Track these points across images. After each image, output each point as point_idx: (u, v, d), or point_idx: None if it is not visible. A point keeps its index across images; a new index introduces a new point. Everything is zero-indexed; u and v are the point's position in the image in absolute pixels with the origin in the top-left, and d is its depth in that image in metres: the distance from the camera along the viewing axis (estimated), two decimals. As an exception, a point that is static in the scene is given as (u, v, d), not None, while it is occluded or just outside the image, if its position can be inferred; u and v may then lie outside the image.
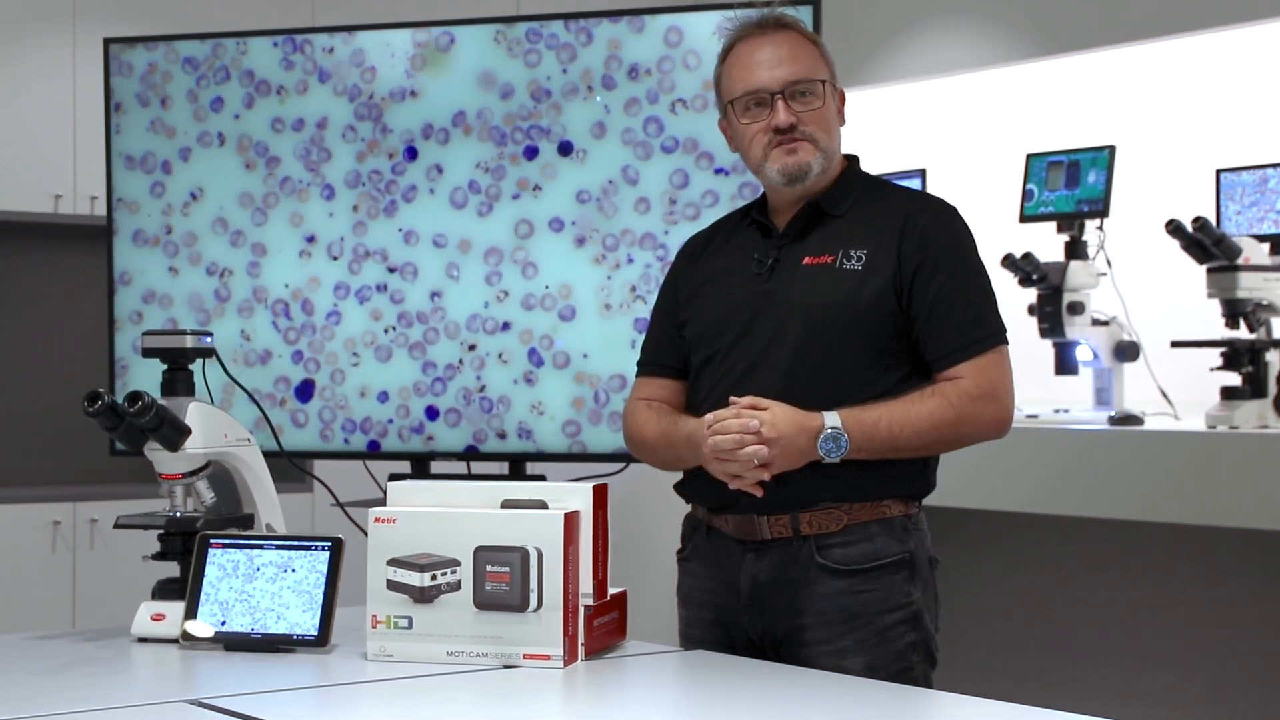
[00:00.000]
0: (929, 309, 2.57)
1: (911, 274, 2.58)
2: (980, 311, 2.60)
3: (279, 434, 3.47)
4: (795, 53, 2.64)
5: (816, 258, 2.62)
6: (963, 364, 2.57)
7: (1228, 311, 4.16)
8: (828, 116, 2.65)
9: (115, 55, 3.86)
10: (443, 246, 3.69)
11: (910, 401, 2.55)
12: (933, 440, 2.56)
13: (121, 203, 3.86)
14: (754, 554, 2.61)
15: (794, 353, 2.59)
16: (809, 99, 2.63)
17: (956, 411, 2.54)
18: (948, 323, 2.57)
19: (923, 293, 2.57)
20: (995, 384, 2.58)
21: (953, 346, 2.57)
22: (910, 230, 2.59)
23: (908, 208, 2.64)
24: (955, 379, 2.56)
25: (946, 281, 2.58)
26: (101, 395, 2.64)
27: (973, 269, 2.62)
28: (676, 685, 2.43)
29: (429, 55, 3.71)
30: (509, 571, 2.36)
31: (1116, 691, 4.69)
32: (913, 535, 2.61)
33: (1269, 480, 3.84)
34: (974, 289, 2.60)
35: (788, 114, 2.62)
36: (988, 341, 2.58)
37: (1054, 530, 4.76)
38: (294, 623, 2.51)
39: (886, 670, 2.52)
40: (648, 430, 2.73)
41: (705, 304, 2.71)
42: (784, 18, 2.68)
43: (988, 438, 2.62)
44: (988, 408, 2.57)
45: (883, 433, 2.52)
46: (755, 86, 2.64)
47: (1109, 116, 5.40)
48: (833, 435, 2.51)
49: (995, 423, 2.60)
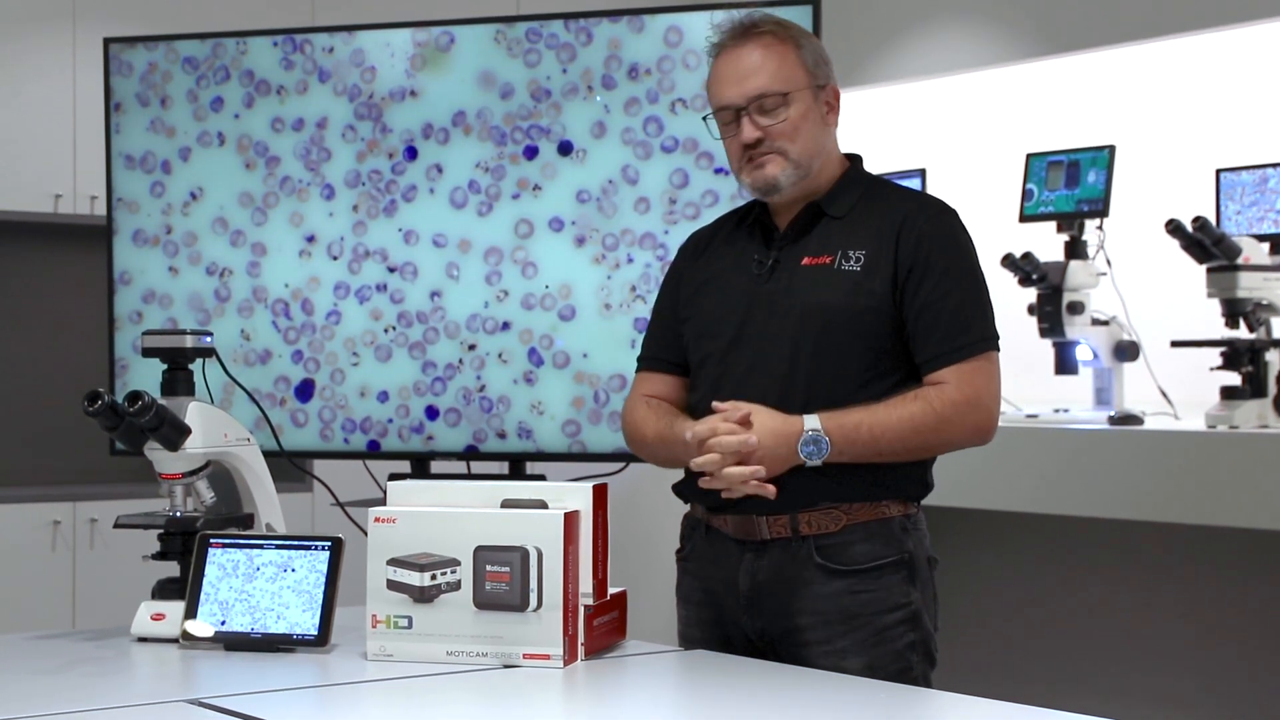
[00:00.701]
0: (919, 311, 2.57)
1: (905, 275, 2.57)
2: (970, 317, 2.58)
3: (279, 434, 3.47)
4: (762, 64, 2.62)
5: (816, 258, 2.62)
6: (948, 368, 2.56)
7: (1227, 311, 4.16)
8: (798, 126, 2.62)
9: (115, 55, 3.86)
10: (443, 246, 3.69)
11: (892, 405, 2.54)
12: (915, 444, 2.56)
13: (121, 202, 3.86)
14: (753, 554, 2.61)
15: (791, 354, 2.59)
16: (776, 111, 2.61)
17: (938, 416, 2.54)
18: (936, 326, 2.56)
19: (914, 295, 2.57)
20: (979, 390, 2.57)
21: (939, 350, 2.57)
22: (907, 231, 2.59)
23: (907, 208, 2.63)
24: (940, 384, 2.56)
25: (938, 285, 2.57)
26: (101, 395, 2.64)
27: (966, 273, 2.61)
28: (676, 685, 2.43)
29: (429, 55, 3.71)
30: (509, 571, 2.36)
31: (1116, 691, 4.69)
32: (911, 535, 2.61)
33: (1269, 480, 3.84)
34: (966, 293, 2.59)
35: (751, 129, 2.62)
36: (975, 347, 2.57)
37: (1054, 530, 4.76)
38: (294, 622, 2.51)
39: (885, 670, 2.52)
40: (645, 430, 2.73)
41: (705, 303, 2.71)
42: (755, 24, 2.65)
43: (970, 444, 2.62)
44: (970, 414, 2.56)
45: (864, 436, 2.52)
46: (724, 103, 2.65)
47: (1109, 116, 5.41)
48: (812, 438, 2.51)
49: (977, 429, 2.59)
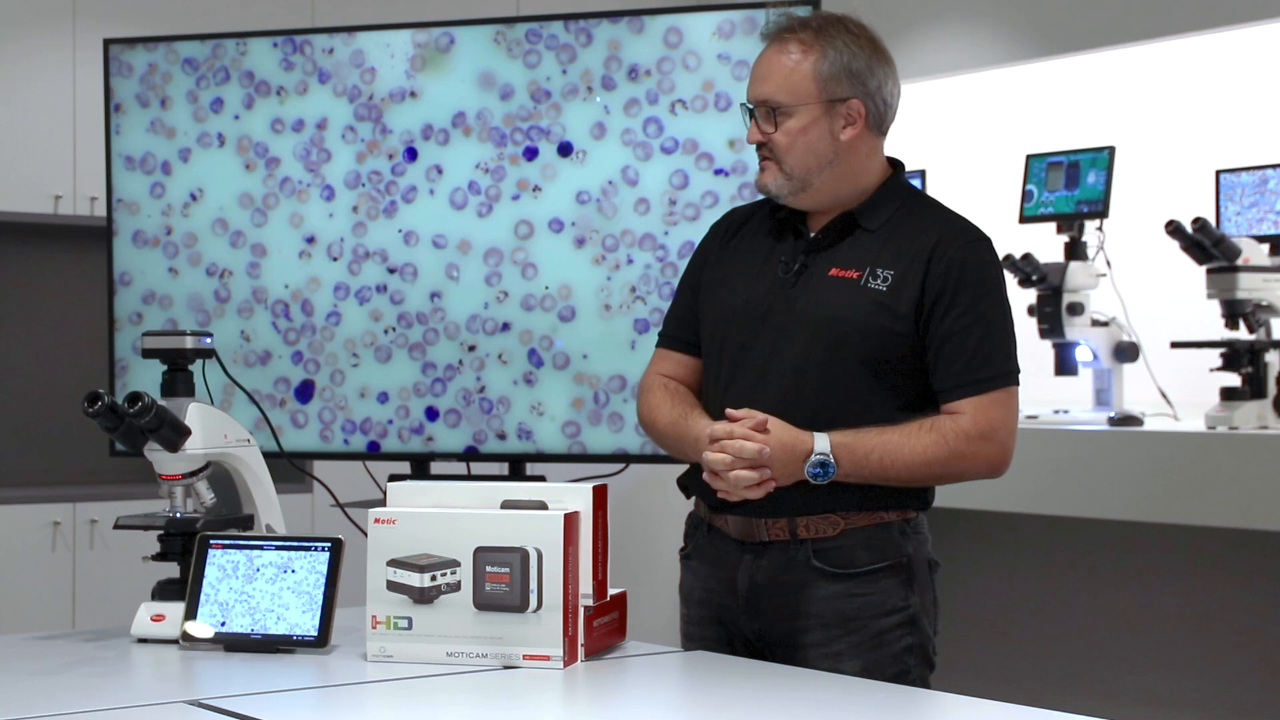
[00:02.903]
0: (942, 340, 2.55)
1: (933, 302, 2.55)
2: (992, 350, 2.56)
3: (279, 434, 3.47)
4: (773, 71, 2.61)
5: (844, 270, 2.60)
6: (965, 400, 2.55)
7: (1227, 312, 4.17)
8: (794, 140, 2.59)
9: (115, 56, 3.86)
10: (442, 247, 3.69)
11: (906, 433, 2.53)
12: (923, 475, 2.55)
13: (121, 203, 3.86)
14: (752, 555, 2.61)
15: (801, 364, 2.57)
16: (780, 118, 2.60)
17: (951, 449, 2.53)
18: (957, 357, 2.55)
19: (940, 323, 2.55)
20: (995, 424, 2.55)
21: (958, 381, 2.55)
22: (939, 258, 2.56)
23: (940, 231, 2.59)
24: (955, 415, 2.55)
25: (963, 315, 2.55)
26: (101, 396, 2.64)
27: (993, 305, 2.58)
28: (676, 686, 2.43)
29: (429, 56, 3.71)
30: (509, 572, 2.36)
31: (1117, 692, 4.69)
32: (911, 539, 2.61)
33: (1269, 480, 3.84)
34: (991, 325, 2.57)
35: (754, 132, 2.63)
36: (995, 381, 2.56)
37: (1054, 531, 4.76)
38: (294, 623, 2.51)
39: (882, 673, 2.51)
40: (659, 415, 2.71)
41: (727, 294, 2.68)
42: (789, 27, 2.63)
43: (981, 477, 2.61)
44: (984, 448, 2.55)
45: (873, 464, 2.52)
46: (746, 98, 2.65)
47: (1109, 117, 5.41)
48: (821, 461, 2.50)
49: (990, 463, 2.58)
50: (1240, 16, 4.99)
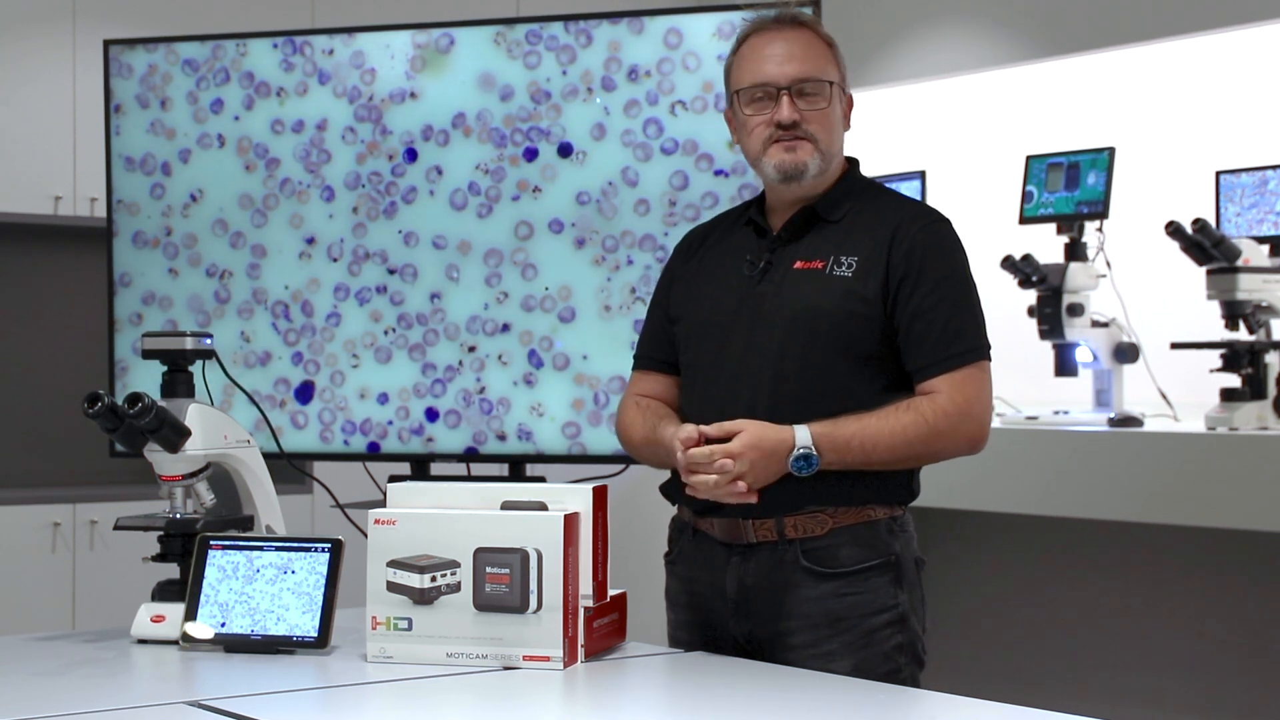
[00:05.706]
0: (910, 320, 2.57)
1: (897, 284, 2.57)
2: (962, 326, 2.58)
3: (279, 435, 3.47)
4: (807, 51, 2.64)
5: (808, 262, 2.62)
6: (939, 378, 2.56)
7: (1227, 313, 4.17)
8: (831, 118, 2.65)
9: (115, 56, 3.86)
10: (442, 248, 3.69)
11: (885, 416, 2.54)
12: (905, 455, 2.56)
13: (121, 204, 3.86)
14: (740, 557, 2.61)
15: (779, 358, 2.59)
16: (815, 99, 2.63)
17: (930, 428, 2.54)
18: (927, 336, 2.56)
19: (906, 303, 2.57)
20: (971, 400, 2.56)
21: (930, 359, 2.56)
22: (900, 240, 2.59)
23: (900, 216, 2.63)
24: (931, 394, 2.56)
25: (930, 294, 2.57)
26: (101, 397, 2.64)
27: (958, 283, 2.61)
28: (676, 687, 2.43)
29: (429, 57, 3.71)
30: (509, 573, 2.36)
31: (1117, 693, 4.69)
32: (898, 538, 2.61)
33: (1269, 481, 3.84)
34: (957, 303, 2.59)
35: (791, 110, 2.62)
36: (966, 357, 2.57)
37: (1054, 532, 4.76)
38: (294, 624, 2.51)
39: (873, 673, 2.52)
40: (634, 432, 2.75)
41: (697, 304, 2.71)
42: (801, 16, 2.68)
43: (961, 454, 2.61)
44: (962, 424, 2.56)
45: (855, 449, 2.52)
46: (763, 79, 2.64)
47: (1109, 118, 5.41)
48: (804, 454, 2.51)
49: (969, 439, 2.59)
50: (1240, 17, 4.99)
